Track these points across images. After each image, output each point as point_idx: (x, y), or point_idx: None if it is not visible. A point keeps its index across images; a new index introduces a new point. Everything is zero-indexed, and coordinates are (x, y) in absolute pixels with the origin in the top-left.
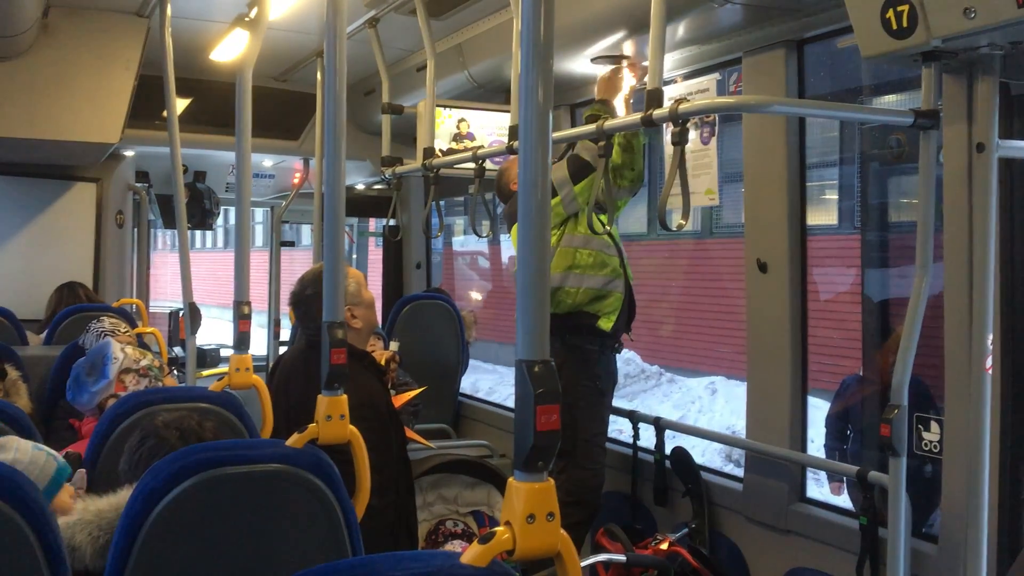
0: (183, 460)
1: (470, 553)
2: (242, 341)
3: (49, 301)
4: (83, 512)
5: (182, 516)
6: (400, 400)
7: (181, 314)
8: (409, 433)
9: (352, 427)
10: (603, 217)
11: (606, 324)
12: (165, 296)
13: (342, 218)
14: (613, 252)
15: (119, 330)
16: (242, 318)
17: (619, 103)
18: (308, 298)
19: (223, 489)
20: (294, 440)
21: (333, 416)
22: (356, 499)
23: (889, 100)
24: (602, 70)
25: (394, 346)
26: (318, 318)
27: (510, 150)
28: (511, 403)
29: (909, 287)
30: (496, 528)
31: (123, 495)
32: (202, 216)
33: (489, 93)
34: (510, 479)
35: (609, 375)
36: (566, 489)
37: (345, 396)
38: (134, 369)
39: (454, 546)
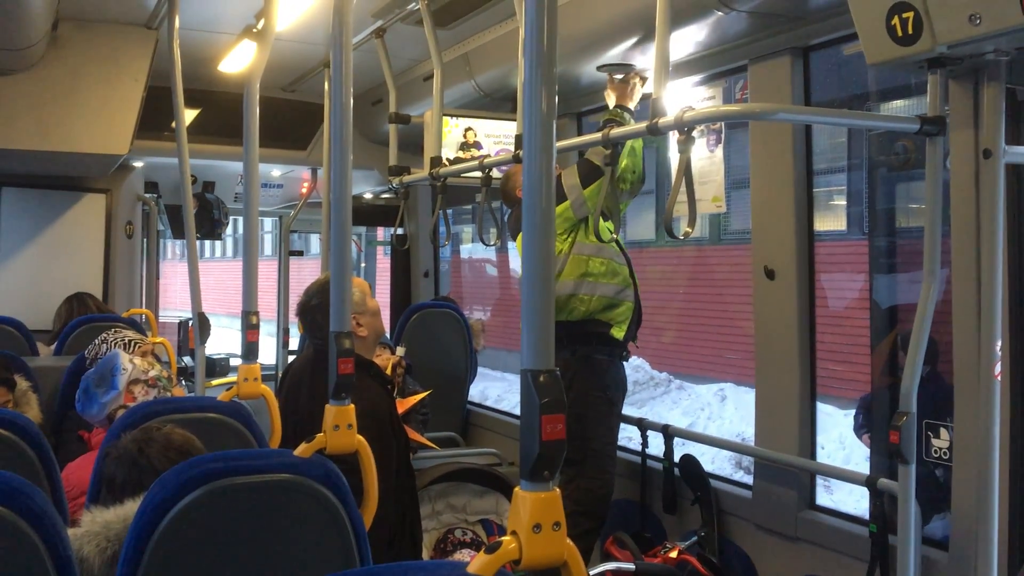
0: (191, 471)
1: (476, 563)
2: (250, 351)
3: (58, 312)
4: (90, 524)
5: (191, 526)
6: (405, 404)
7: (191, 324)
8: (417, 436)
9: (360, 437)
10: (609, 224)
11: (618, 333)
12: (174, 306)
13: (349, 227)
14: (623, 261)
15: (141, 342)
16: (250, 328)
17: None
18: (313, 308)
19: (231, 499)
20: (302, 450)
21: (341, 426)
22: (364, 508)
23: (897, 105)
24: (608, 77)
25: (400, 351)
26: (324, 327)
27: (516, 159)
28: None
29: (918, 293)
30: (502, 538)
31: (130, 507)
32: (211, 226)
33: (496, 102)
34: (516, 488)
35: (618, 384)
36: (575, 499)
37: (352, 406)
38: (143, 380)
39: (463, 555)
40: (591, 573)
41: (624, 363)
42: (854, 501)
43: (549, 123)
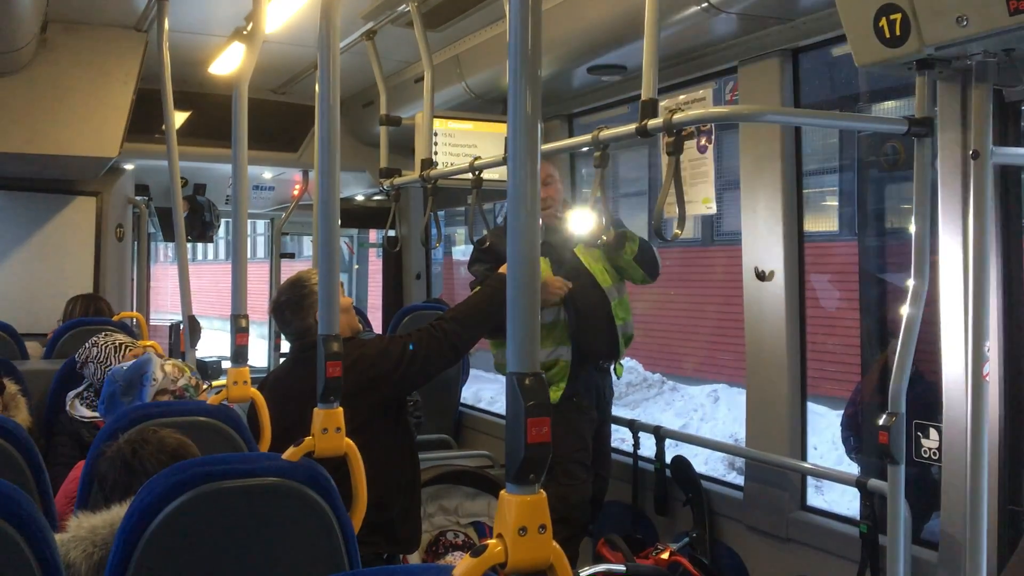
0: (179, 475)
1: (462, 567)
2: (239, 354)
3: (69, 312)
4: (77, 529)
5: (179, 530)
6: None
7: (181, 327)
8: None
9: (348, 440)
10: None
11: (555, 394)
12: (166, 308)
13: (336, 230)
14: (560, 315)
15: (132, 345)
16: (239, 331)
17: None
18: (283, 304)
19: (220, 503)
20: (290, 453)
21: (329, 429)
22: (353, 511)
23: (889, 106)
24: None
25: None
26: (293, 323)
27: (506, 161)
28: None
29: (907, 292)
30: (488, 541)
31: (117, 511)
32: (202, 228)
33: (487, 104)
34: (502, 492)
35: (590, 391)
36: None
37: (341, 409)
38: (171, 390)
39: (455, 557)
40: (582, 574)
41: (607, 371)
42: (846, 502)
43: (534, 124)
